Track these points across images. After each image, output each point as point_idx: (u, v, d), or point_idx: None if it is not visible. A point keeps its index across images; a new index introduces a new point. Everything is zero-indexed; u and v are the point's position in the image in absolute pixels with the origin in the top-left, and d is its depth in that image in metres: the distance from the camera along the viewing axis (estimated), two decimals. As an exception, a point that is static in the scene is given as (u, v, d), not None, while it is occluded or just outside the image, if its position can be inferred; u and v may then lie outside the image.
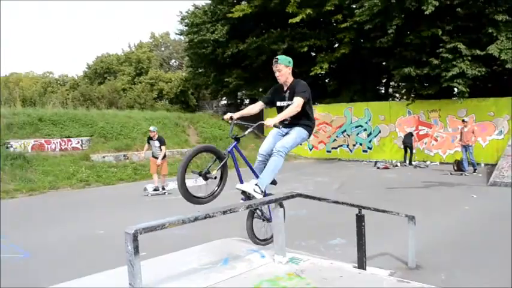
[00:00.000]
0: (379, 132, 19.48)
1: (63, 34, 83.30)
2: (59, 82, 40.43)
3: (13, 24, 79.65)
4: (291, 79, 4.55)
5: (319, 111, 21.12)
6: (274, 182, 4.53)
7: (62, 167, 14.13)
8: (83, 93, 24.02)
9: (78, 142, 15.93)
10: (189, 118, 21.84)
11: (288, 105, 4.41)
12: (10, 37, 78.58)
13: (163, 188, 11.29)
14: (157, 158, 11.02)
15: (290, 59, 4.56)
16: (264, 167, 4.40)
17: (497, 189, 11.21)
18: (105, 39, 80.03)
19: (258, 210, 4.61)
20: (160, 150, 10.96)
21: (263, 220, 4.69)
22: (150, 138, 11.13)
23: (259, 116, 4.45)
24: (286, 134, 4.53)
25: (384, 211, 4.96)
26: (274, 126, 4.25)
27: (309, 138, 4.67)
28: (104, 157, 15.47)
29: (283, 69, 4.47)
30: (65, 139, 15.69)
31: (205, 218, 3.00)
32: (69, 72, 55.24)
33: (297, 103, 4.29)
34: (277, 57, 4.55)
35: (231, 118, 4.45)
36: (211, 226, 6.09)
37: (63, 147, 15.49)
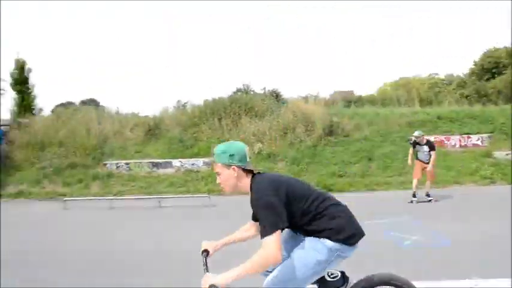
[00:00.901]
0: None
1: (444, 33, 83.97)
2: (444, 82, 41.03)
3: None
4: (247, 184, 2.69)
5: None
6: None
7: (462, 163, 14.15)
8: (478, 90, 23.46)
9: (478, 139, 15.56)
10: None
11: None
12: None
13: (427, 195, 10.50)
14: (424, 162, 10.46)
15: (234, 147, 2.70)
16: None
17: None
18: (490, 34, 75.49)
19: None
20: (430, 155, 10.34)
21: None
22: (416, 143, 10.56)
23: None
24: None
25: None
26: None
27: (343, 255, 2.67)
28: (507, 155, 14.49)
29: (223, 173, 2.68)
30: (464, 136, 15.65)
31: None
32: (454, 72, 54.65)
33: (261, 251, 2.39)
34: (214, 149, 2.77)
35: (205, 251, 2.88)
36: None
37: (462, 144, 15.51)
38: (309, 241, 2.68)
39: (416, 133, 10.62)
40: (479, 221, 7.96)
